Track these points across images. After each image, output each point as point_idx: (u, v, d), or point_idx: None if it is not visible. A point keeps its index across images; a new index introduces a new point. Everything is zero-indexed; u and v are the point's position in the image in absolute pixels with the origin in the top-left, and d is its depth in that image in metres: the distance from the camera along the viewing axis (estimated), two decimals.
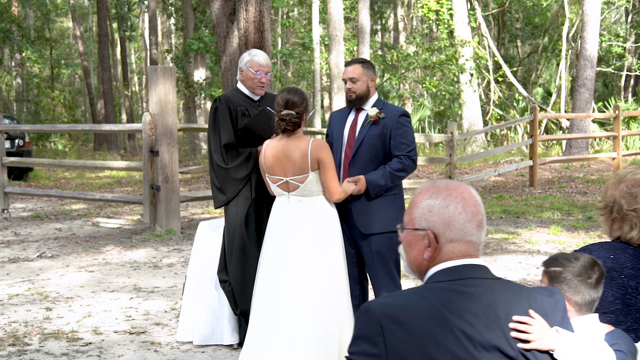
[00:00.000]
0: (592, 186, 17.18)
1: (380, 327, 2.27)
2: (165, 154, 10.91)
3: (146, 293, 8.03)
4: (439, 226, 2.44)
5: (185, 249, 10.25)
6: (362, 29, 25.18)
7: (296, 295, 5.20)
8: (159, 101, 10.89)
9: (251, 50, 6.34)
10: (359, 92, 5.82)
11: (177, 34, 40.49)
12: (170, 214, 11.02)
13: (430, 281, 2.45)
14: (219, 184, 6.15)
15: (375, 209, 5.72)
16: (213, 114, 6.20)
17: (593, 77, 24.30)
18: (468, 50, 27.19)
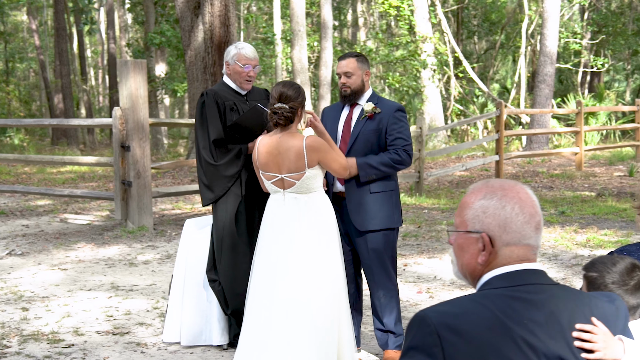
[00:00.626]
0: (557, 181, 17.29)
1: (438, 338, 2.14)
2: (137, 149, 10.72)
3: (125, 292, 7.86)
4: (494, 228, 2.31)
5: (160, 245, 10.09)
6: (325, 24, 25.12)
7: (295, 295, 5.09)
8: (129, 95, 10.69)
9: (238, 43, 6.20)
10: (354, 87, 5.72)
11: (135, 29, 40.03)
12: (142, 210, 10.84)
13: (485, 287, 2.31)
14: (207, 181, 6.01)
15: (371, 205, 5.64)
16: (200, 109, 6.05)
17: (553, 74, 24.50)
18: (429, 46, 27.24)
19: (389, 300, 5.76)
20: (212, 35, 17.53)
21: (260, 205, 5.90)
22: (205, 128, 5.99)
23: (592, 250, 9.27)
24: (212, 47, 17.63)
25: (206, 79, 17.73)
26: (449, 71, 28.80)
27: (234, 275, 5.99)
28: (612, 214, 11.96)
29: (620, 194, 14.25)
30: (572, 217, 11.78)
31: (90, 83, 44.27)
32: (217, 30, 17.50)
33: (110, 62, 33.94)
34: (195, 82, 17.89)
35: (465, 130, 29.35)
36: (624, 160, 21.71)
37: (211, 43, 17.58)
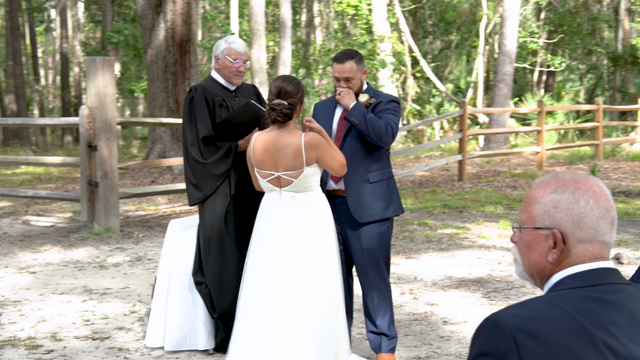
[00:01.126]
0: (520, 180, 17.33)
1: (514, 343, 1.97)
2: (105, 149, 10.44)
3: (99, 295, 7.62)
4: (567, 224, 2.15)
5: (128, 248, 9.84)
6: (284, 22, 24.93)
7: (293, 296, 4.93)
8: (97, 94, 10.41)
9: (228, 37, 6.02)
10: (355, 90, 5.54)
11: (88, 28, 39.43)
12: (109, 211, 10.56)
13: (558, 288, 2.15)
14: (195, 180, 5.81)
15: (369, 197, 5.47)
16: (189, 105, 5.85)
17: (512, 73, 24.63)
18: (387, 45, 27.19)
19: (382, 302, 5.62)
20: (174, 34, 17.29)
21: (250, 205, 5.73)
22: (194, 125, 5.79)
23: None
24: (174, 46, 17.39)
25: (167, 78, 17.47)
26: (406, 71, 28.80)
27: (222, 277, 5.80)
28: None
29: None
30: None
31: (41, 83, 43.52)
32: (179, 28, 17.27)
33: (63, 62, 33.39)
34: (155, 81, 17.61)
35: (422, 130, 29.37)
36: (583, 159, 21.88)
37: (173, 42, 17.34)
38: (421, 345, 6.06)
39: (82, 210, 10.58)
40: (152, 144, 17.77)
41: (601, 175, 17.99)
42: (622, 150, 23.67)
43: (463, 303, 7.14)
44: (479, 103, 28.92)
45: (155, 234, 10.71)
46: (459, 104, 17.67)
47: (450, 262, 8.81)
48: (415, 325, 6.54)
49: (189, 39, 17.38)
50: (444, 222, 11.25)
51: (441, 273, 8.28)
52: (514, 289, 7.59)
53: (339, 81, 5.50)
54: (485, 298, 7.29)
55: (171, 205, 13.25)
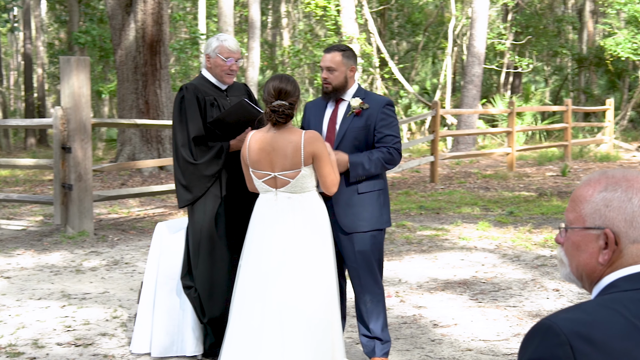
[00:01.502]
0: (491, 181, 17.34)
1: (570, 349, 1.86)
2: (79, 151, 10.23)
3: (78, 300, 7.43)
4: (619, 224, 2.05)
5: (103, 251, 9.64)
6: (253, 23, 24.81)
7: (290, 299, 4.80)
8: (72, 94, 10.20)
9: (219, 35, 5.87)
10: (335, 83, 5.40)
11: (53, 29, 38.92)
12: (83, 214, 10.35)
13: (610, 290, 2.05)
14: (185, 181, 5.65)
15: (359, 207, 5.36)
16: (179, 104, 5.70)
17: (481, 74, 24.70)
18: (355, 46, 27.12)
19: (375, 305, 5.50)
20: (145, 34, 17.08)
21: (241, 207, 5.60)
22: (185, 124, 5.64)
23: (553, 251, 9.21)
24: (144, 46, 17.17)
25: (137, 79, 17.25)
26: (375, 72, 28.77)
27: (212, 281, 5.65)
28: (560, 213, 11.97)
29: (561, 193, 14.33)
30: (522, 217, 11.75)
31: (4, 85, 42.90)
32: (149, 28, 17.06)
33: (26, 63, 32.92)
34: (125, 82, 17.37)
35: None
36: (551, 160, 21.99)
37: (143, 42, 17.13)
38: (413, 349, 5.97)
39: (55, 213, 10.37)
40: (121, 146, 17.52)
41: (571, 176, 18.07)
42: (589, 151, 23.83)
43: (451, 305, 7.06)
44: (447, 104, 28.97)
45: (130, 238, 10.52)
46: (430, 105, 17.64)
47: (433, 264, 8.73)
48: (405, 329, 6.44)
49: (160, 39, 17.17)
50: (422, 224, 11.18)
51: (425, 275, 8.20)
52: (501, 290, 7.52)
53: (323, 72, 5.41)
54: (473, 300, 7.21)
55: (143, 208, 13.05)
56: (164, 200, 13.90)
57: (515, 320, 6.56)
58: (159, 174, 16.59)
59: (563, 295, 7.29)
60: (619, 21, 31.09)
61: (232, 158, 5.64)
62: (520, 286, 7.67)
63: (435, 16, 35.56)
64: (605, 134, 24.90)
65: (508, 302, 7.13)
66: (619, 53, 25.98)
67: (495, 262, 8.71)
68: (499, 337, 6.17)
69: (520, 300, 7.16)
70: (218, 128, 5.63)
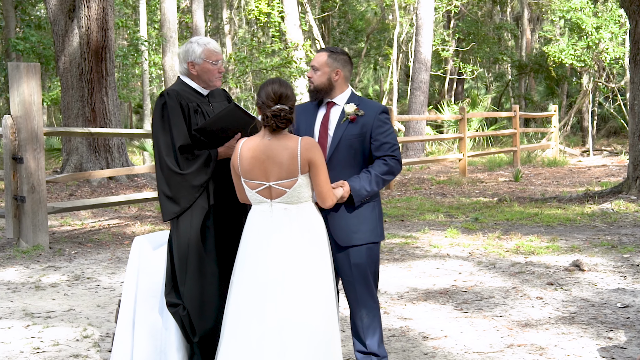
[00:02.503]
0: (446, 187, 17.24)
1: None
2: (31, 161, 9.77)
3: (42, 319, 6.99)
4: None
5: (62, 266, 9.18)
6: (197, 30, 24.38)
7: (290, 315, 4.50)
8: (22, 102, 9.73)
9: (197, 38, 5.50)
10: (317, 83, 5.12)
11: None
12: (37, 227, 9.87)
13: None
14: (171, 193, 5.27)
15: (354, 219, 5.07)
16: (161, 111, 5.32)
17: (427, 80, 24.69)
18: (300, 53, 26.89)
19: (371, 320, 5.22)
20: (89, 40, 16.57)
21: (230, 219, 5.27)
22: (168, 132, 5.27)
23: (527, 257, 9.05)
24: (89, 53, 16.67)
25: (82, 86, 16.74)
26: None
27: (202, 297, 5.28)
28: (525, 219, 11.87)
29: (520, 199, 14.25)
30: (488, 223, 11.60)
31: None
32: (94, 34, 16.55)
33: None
34: (70, 89, 16.83)
35: None
36: (500, 165, 22.04)
37: (88, 48, 16.62)
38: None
39: (7, 226, 9.88)
40: (67, 155, 16.96)
41: (524, 181, 18.07)
42: (537, 156, 23.96)
43: (437, 316, 6.82)
44: (394, 110, 28.91)
45: (88, 251, 10.07)
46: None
47: (409, 272, 8.49)
48: (395, 342, 6.18)
49: (105, 46, 16.67)
50: (389, 232, 10.94)
51: (404, 285, 7.95)
52: (484, 299, 7.31)
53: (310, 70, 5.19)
54: (458, 310, 6.99)
55: (97, 220, 12.58)
56: (117, 211, 13.43)
57: (506, 331, 6.35)
58: (108, 184, 16.09)
59: (548, 304, 7.12)
60: (554, 28, 31.40)
61: (220, 167, 5.32)
62: (503, 295, 7.47)
63: (378, 23, 35.53)
64: (551, 139, 25.07)
65: (494, 311, 6.93)
66: (562, 59, 26.18)
67: (472, 270, 8.51)
68: (492, 349, 5.95)
69: (506, 310, 6.96)
70: (205, 135, 5.29)
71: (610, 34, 25.59)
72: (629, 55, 13.74)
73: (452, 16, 33.58)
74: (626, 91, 27.37)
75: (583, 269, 8.31)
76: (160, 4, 24.35)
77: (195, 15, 24.36)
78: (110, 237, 10.98)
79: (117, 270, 8.95)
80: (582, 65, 26.20)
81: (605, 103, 31.42)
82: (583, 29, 25.93)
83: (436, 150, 26.69)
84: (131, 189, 15.82)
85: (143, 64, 25.46)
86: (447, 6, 29.16)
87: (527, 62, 34.72)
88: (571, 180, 18.18)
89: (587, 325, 6.45)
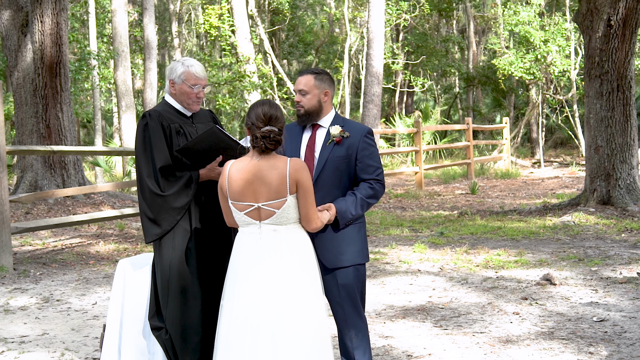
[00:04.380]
0: (404, 200, 17.33)
1: None
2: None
3: (17, 344, 6.84)
4: None
5: (28, 288, 9.00)
6: (149, 43, 24.23)
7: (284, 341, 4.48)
8: None
9: (184, 59, 5.46)
10: (308, 107, 5.12)
11: None
12: (1, 248, 9.67)
13: None
14: (152, 215, 5.22)
15: (340, 241, 5.07)
16: (142, 132, 5.27)
17: (380, 93, 24.78)
18: (252, 67, 26.86)
19: (361, 340, 5.21)
20: (43, 56, 16.31)
21: (213, 241, 5.24)
22: (149, 154, 5.22)
23: (497, 272, 9.13)
24: (43, 68, 16.40)
25: (36, 102, 16.45)
26: (273, 92, 28.55)
27: (185, 322, 5.22)
28: (489, 232, 11.97)
29: (481, 212, 14.37)
30: (453, 237, 11.68)
31: None
32: (48, 50, 16.30)
33: None
34: (23, 105, 16.52)
35: None
36: (455, 178, 22.21)
37: (42, 64, 16.35)
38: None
39: None
40: (21, 172, 16.64)
41: (481, 193, 18.25)
42: (489, 168, 24.21)
43: (418, 334, 6.83)
44: None
45: (54, 272, 9.90)
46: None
47: (383, 289, 8.50)
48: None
49: (60, 61, 16.41)
50: None
51: (379, 302, 7.95)
52: (462, 316, 7.35)
53: (296, 94, 5.17)
54: (437, 327, 7.01)
55: (58, 239, 12.37)
56: (76, 229, 13.23)
57: (488, 347, 6.39)
58: (65, 202, 15.82)
59: (525, 319, 7.17)
60: (499, 40, 31.78)
61: (202, 189, 5.28)
62: (480, 310, 7.52)
63: (327, 36, 35.64)
64: (502, 151, 25.36)
65: (473, 328, 6.96)
66: (512, 72, 26.54)
67: (445, 286, 8.55)
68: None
69: (485, 326, 7.00)
70: (187, 157, 5.24)
71: (558, 47, 26.00)
72: (583, 69, 13.99)
73: (401, 29, 33.82)
74: (573, 103, 27.86)
75: (554, 283, 8.41)
76: (112, 18, 24.14)
77: (147, 29, 24.19)
78: (75, 257, 10.80)
79: (87, 291, 8.80)
80: (531, 77, 26.56)
81: (552, 115, 31.91)
82: (531, 42, 26.31)
83: (389, 163, 26.83)
84: (88, 206, 15.60)
85: (94, 79, 25.20)
86: (396, 19, 29.36)
87: (474, 74, 35.14)
88: (527, 192, 18.41)
89: (567, 340, 6.51)
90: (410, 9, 30.34)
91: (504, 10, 28.05)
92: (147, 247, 11.37)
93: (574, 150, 30.61)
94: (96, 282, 9.26)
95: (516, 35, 28.95)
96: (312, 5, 37.23)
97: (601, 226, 11.99)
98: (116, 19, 23.36)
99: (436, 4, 33.28)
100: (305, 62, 38.91)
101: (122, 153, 15.58)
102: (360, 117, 25.69)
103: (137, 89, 31.33)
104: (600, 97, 13.27)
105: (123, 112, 23.62)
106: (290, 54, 36.67)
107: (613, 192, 13.07)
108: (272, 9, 33.28)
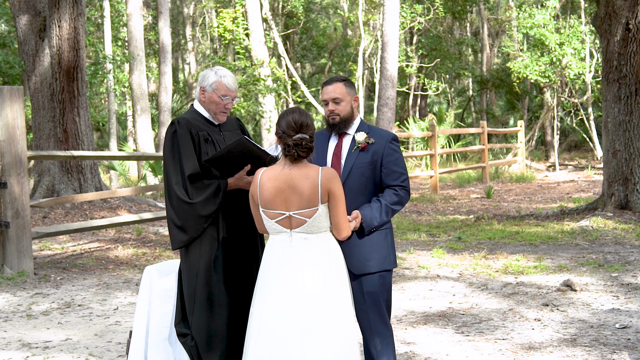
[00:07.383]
0: (420, 204, 17.32)
1: None
2: (15, 186, 9.63)
3: (41, 350, 6.88)
4: None
5: (50, 293, 9.05)
6: (164, 47, 24.30)
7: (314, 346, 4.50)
8: (6, 126, 9.60)
9: (218, 68, 5.47)
10: (344, 114, 5.15)
11: None
12: (22, 253, 9.73)
13: None
14: (180, 222, 5.25)
15: (367, 247, 5.09)
16: (171, 139, 5.31)
17: (394, 97, 24.73)
18: (266, 70, 26.86)
19: (385, 348, 5.23)
20: (61, 60, 16.39)
21: (241, 250, 5.27)
22: (178, 161, 5.26)
23: (517, 278, 9.12)
24: (61, 73, 16.48)
25: (54, 106, 16.54)
26: (287, 96, 28.57)
27: (211, 329, 5.25)
28: (507, 237, 11.96)
29: (497, 217, 14.36)
30: (471, 242, 11.67)
31: None
32: (65, 54, 16.38)
33: None
34: (41, 110, 16.61)
35: None
36: (470, 182, 22.19)
37: (59, 68, 16.43)
38: None
39: None
40: (39, 176, 16.72)
41: (496, 197, 18.22)
42: (504, 172, 24.17)
43: (440, 340, 6.84)
44: None
45: (74, 276, 9.94)
46: None
47: (403, 295, 8.51)
48: None
49: (77, 65, 16.48)
50: None
51: (400, 308, 7.96)
52: (483, 322, 7.35)
53: (327, 104, 5.17)
54: (459, 334, 7.01)
55: (76, 243, 12.43)
56: (94, 234, 13.28)
57: (511, 355, 6.38)
58: (81, 206, 15.89)
59: (547, 326, 7.17)
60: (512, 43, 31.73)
61: (230, 197, 5.30)
62: (501, 317, 7.51)
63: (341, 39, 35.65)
64: (517, 154, 25.32)
65: (495, 334, 6.96)
66: (527, 75, 26.49)
67: (465, 292, 8.55)
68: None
69: (507, 332, 7.00)
70: (215, 166, 5.27)
71: (573, 50, 25.95)
72: (601, 73, 13.95)
73: (415, 32, 33.80)
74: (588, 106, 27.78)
75: (575, 289, 8.40)
76: (127, 22, 24.22)
77: (162, 33, 24.26)
78: (94, 262, 10.85)
79: (107, 296, 8.84)
80: (547, 80, 26.51)
81: (567, 118, 31.84)
82: (546, 45, 26.26)
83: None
84: (105, 210, 15.66)
85: (109, 82, 25.30)
86: (410, 23, 29.35)
87: (488, 77, 35.08)
88: (542, 196, 18.38)
89: (590, 347, 6.50)
90: (425, 12, 30.33)
91: (519, 13, 27.99)
92: (166, 252, 11.41)
93: (589, 153, 30.55)
94: (116, 287, 9.30)
95: (530, 38, 28.91)
96: (326, 8, 37.28)
97: (620, 231, 11.96)
98: (132, 22, 23.43)
99: (450, 7, 33.25)
100: (318, 65, 38.95)
101: (141, 158, 15.64)
102: (374, 121, 25.67)
103: (150, 92, 31.41)
104: (618, 101, 13.24)
105: (138, 115, 23.68)
106: (303, 57, 36.71)
107: (631, 196, 13.03)
108: (286, 12, 33.33)
